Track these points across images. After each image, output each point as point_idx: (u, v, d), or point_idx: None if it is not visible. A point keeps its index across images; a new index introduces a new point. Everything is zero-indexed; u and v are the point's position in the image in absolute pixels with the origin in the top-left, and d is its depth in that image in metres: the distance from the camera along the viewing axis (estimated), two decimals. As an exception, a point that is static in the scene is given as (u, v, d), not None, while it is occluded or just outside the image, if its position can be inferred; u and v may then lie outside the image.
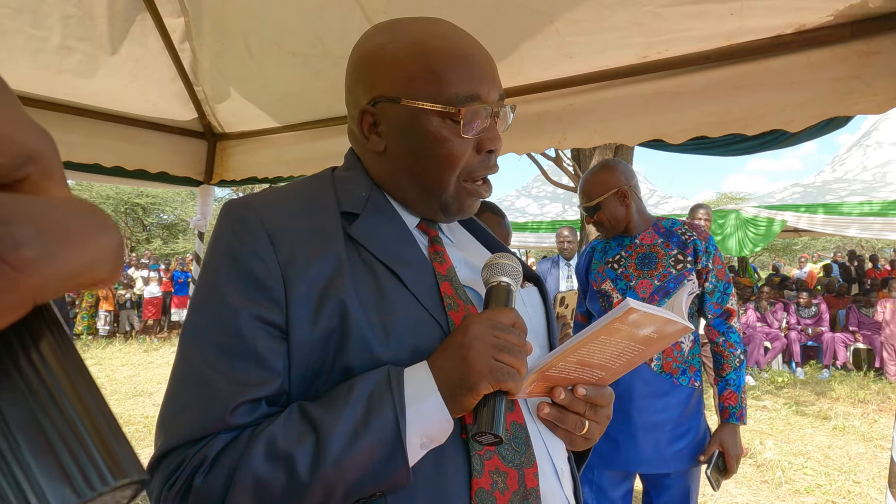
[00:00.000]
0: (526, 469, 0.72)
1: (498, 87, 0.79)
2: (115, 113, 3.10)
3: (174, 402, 0.68)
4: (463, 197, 0.81)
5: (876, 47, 1.70)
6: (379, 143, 0.80)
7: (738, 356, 1.97)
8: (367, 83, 0.79)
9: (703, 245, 1.99)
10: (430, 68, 0.75)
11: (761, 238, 8.08)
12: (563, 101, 2.33)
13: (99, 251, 0.20)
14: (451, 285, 0.77)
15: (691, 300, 2.00)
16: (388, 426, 0.63)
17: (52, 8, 2.38)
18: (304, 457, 0.61)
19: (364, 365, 0.68)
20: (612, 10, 1.91)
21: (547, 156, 7.01)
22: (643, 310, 0.66)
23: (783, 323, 8.73)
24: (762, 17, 1.80)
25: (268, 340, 0.68)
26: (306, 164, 3.26)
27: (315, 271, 0.69)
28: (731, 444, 1.93)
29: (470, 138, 0.77)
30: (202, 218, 3.80)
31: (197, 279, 0.74)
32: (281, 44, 2.62)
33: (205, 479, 0.63)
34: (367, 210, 0.78)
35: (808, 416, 5.95)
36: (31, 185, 0.20)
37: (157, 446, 0.68)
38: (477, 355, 0.65)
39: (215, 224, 0.74)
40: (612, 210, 2.05)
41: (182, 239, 24.83)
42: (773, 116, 1.89)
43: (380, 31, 0.80)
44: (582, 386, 0.76)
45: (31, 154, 0.19)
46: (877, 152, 9.49)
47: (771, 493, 4.03)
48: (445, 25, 0.80)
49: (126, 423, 5.67)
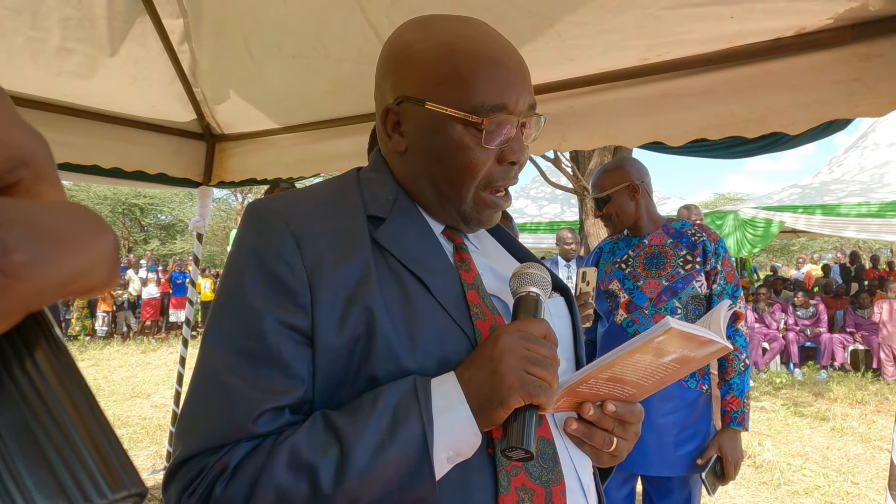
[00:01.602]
0: (553, 487, 0.70)
1: (528, 96, 0.76)
2: (114, 114, 3.10)
3: (195, 408, 0.66)
4: (481, 208, 0.78)
5: (877, 50, 1.70)
6: (401, 143, 0.78)
7: (744, 360, 1.94)
8: (393, 81, 0.77)
9: (712, 246, 1.98)
10: (457, 73, 0.72)
11: (759, 239, 8.10)
12: (563, 103, 2.33)
13: (94, 255, 0.20)
14: (477, 294, 0.74)
15: (729, 314, 1.99)
16: (415, 439, 0.61)
17: (52, 9, 2.37)
18: (328, 468, 0.60)
19: (389, 374, 0.66)
20: (612, 12, 1.91)
21: (546, 157, 7.00)
22: (682, 329, 0.63)
23: (781, 324, 8.75)
24: (763, 20, 1.80)
25: (293, 346, 0.66)
26: (306, 165, 3.25)
27: (342, 277, 0.67)
28: (731, 449, 1.90)
29: (492, 149, 0.74)
30: (201, 219, 3.79)
31: (220, 280, 0.72)
32: (281, 46, 2.61)
33: (225, 488, 0.61)
34: (394, 214, 0.76)
35: (807, 417, 5.95)
36: (24, 189, 0.19)
37: (176, 453, 0.65)
38: (508, 368, 0.63)
39: (240, 224, 0.73)
40: (621, 203, 2.04)
41: (180, 240, 24.80)
42: (773, 119, 1.89)
43: (411, 28, 0.78)
44: (612, 402, 0.74)
45: (23, 157, 0.19)
46: (874, 153, 9.51)
47: (770, 495, 4.03)
48: (479, 27, 0.76)
49: (123, 425, 5.65)
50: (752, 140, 2.00)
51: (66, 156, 2.94)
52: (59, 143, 2.89)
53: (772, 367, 8.32)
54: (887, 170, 8.70)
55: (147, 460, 4.60)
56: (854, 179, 9.00)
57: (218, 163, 3.60)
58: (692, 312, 1.98)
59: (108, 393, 7.02)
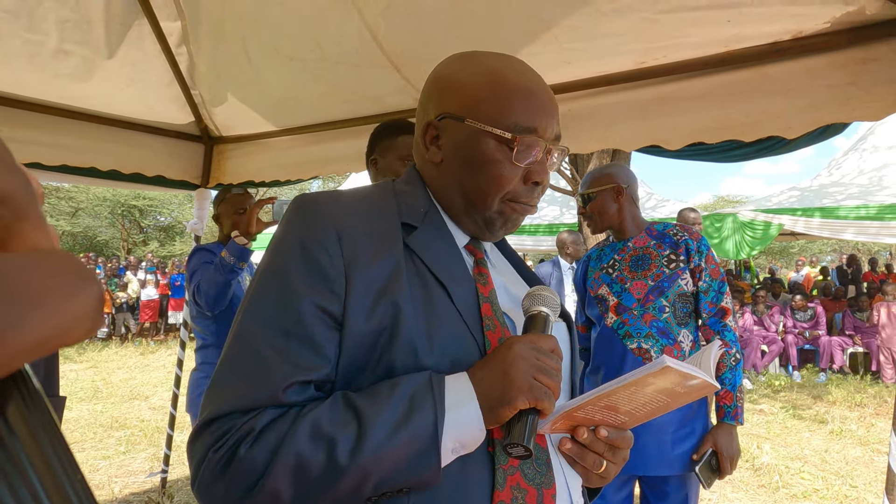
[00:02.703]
0: (545, 490, 0.76)
1: (556, 126, 0.85)
2: (112, 116, 3.10)
3: (229, 372, 0.71)
4: (508, 213, 0.85)
5: (873, 54, 1.70)
6: (437, 155, 0.86)
7: (734, 355, 1.97)
8: (437, 100, 0.86)
9: (695, 244, 2.00)
10: (497, 95, 0.81)
11: (758, 241, 8.10)
12: (561, 107, 2.30)
13: (76, 311, 0.19)
14: (491, 307, 0.81)
15: (719, 354, 1.99)
16: (428, 425, 0.67)
17: (49, 12, 2.37)
18: (347, 442, 0.65)
19: (407, 367, 0.72)
20: (609, 16, 1.91)
21: (544, 159, 7.01)
22: (677, 368, 0.69)
23: (780, 326, 8.75)
24: (759, 24, 1.80)
25: (324, 329, 0.72)
26: (303, 167, 3.25)
27: (375, 272, 0.74)
28: (725, 443, 1.92)
29: (520, 167, 0.82)
30: (199, 221, 3.79)
31: (263, 260, 0.78)
32: (279, 48, 2.61)
33: (249, 448, 0.66)
34: (425, 224, 0.83)
35: (805, 420, 5.95)
36: (4, 227, 0.19)
37: (206, 412, 0.70)
38: (518, 372, 0.70)
39: (287, 213, 0.79)
40: (604, 203, 2.09)
41: (179, 241, 24.79)
42: (770, 123, 1.89)
43: (459, 58, 0.88)
44: (604, 428, 0.80)
45: (0, 196, 0.18)
46: (873, 156, 9.52)
47: (768, 498, 4.03)
48: (517, 62, 0.86)
49: (121, 427, 5.64)
50: (749, 144, 2.00)
51: (64, 158, 2.94)
52: (56, 145, 2.89)
53: (770, 370, 8.32)
54: (886, 172, 8.71)
55: (145, 463, 4.59)
56: (853, 182, 9.01)
57: (216, 165, 3.60)
58: (680, 310, 2.01)
59: (107, 395, 7.01)
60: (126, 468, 4.48)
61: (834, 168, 10.29)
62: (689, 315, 2.03)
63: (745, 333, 8.39)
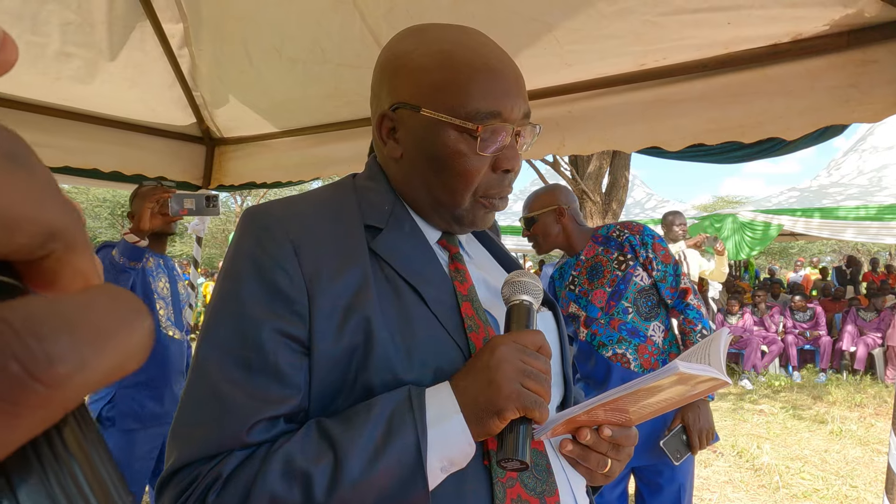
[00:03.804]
0: (548, 497, 0.71)
1: (523, 104, 0.76)
2: (114, 118, 3.10)
3: (189, 417, 0.66)
4: (477, 209, 0.78)
5: (872, 56, 1.71)
6: (396, 149, 0.78)
7: (700, 332, 1.99)
8: (389, 87, 0.77)
9: (637, 238, 2.04)
10: (453, 80, 0.72)
11: (758, 241, 8.11)
12: (561, 108, 2.34)
13: (130, 348, 0.19)
14: (471, 306, 0.75)
15: (729, 340, 2.01)
16: (409, 448, 0.61)
17: (51, 14, 2.38)
18: (322, 477, 0.60)
19: (386, 385, 0.66)
20: (610, 18, 1.92)
21: (545, 161, 7.01)
22: (690, 372, 0.64)
23: (780, 327, 8.75)
24: (759, 26, 1.81)
25: (289, 355, 0.65)
26: (305, 169, 3.26)
27: (340, 286, 0.68)
28: (693, 418, 1.92)
29: (487, 156, 0.75)
30: (200, 223, 3.80)
31: (216, 286, 0.71)
32: (281, 50, 2.62)
33: (218, 497, 0.61)
34: (390, 224, 0.76)
35: (805, 420, 5.96)
36: (55, 261, 0.19)
37: (170, 461, 0.65)
38: (505, 378, 0.63)
39: (236, 231, 0.72)
40: (546, 225, 2.16)
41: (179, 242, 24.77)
42: (770, 124, 1.90)
43: (408, 36, 0.78)
44: (608, 427, 0.75)
45: (53, 231, 0.19)
46: (872, 157, 9.53)
47: (768, 498, 4.03)
48: (475, 36, 0.77)
49: (123, 428, 5.64)
50: (748, 145, 2.01)
51: (66, 160, 2.94)
52: (58, 146, 2.90)
53: (770, 370, 8.33)
54: (885, 173, 8.73)
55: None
56: (852, 183, 9.02)
57: (217, 166, 3.60)
58: (644, 306, 2.04)
59: (107, 396, 7.01)
60: (127, 469, 4.48)
61: (833, 169, 10.32)
62: (656, 305, 2.06)
63: (745, 334, 8.40)
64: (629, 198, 10.33)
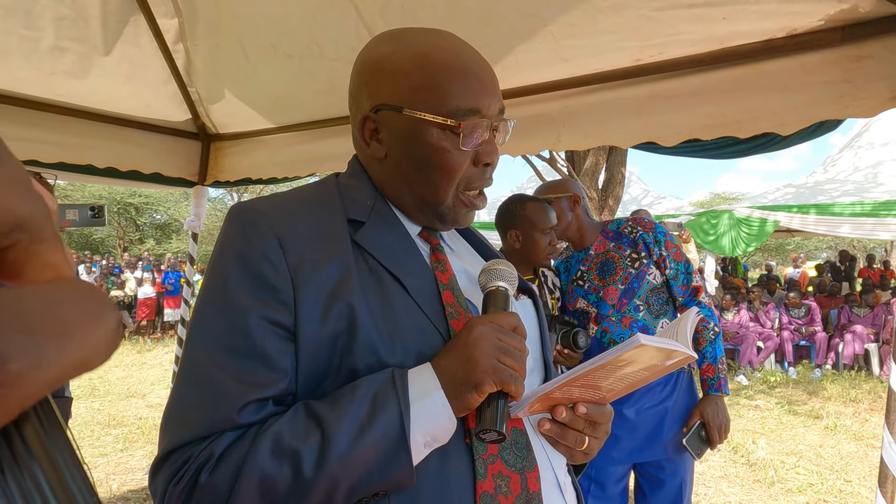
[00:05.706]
0: (528, 473, 0.74)
1: (498, 101, 0.81)
2: (109, 113, 3.09)
3: (181, 401, 0.69)
4: (459, 207, 0.82)
5: (867, 51, 1.72)
6: (379, 150, 0.81)
7: (712, 329, 2.01)
8: (369, 90, 0.80)
9: (651, 236, 2.03)
10: (432, 80, 0.76)
11: (754, 238, 8.12)
12: (557, 104, 2.34)
13: (94, 344, 0.19)
14: (452, 294, 0.79)
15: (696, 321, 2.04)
16: (393, 424, 0.64)
17: (45, 8, 2.37)
18: (310, 454, 0.63)
19: (370, 368, 0.70)
20: (605, 13, 1.92)
21: (541, 157, 7.01)
22: (652, 344, 0.67)
23: (776, 323, 8.78)
24: (754, 22, 1.81)
25: (276, 341, 0.69)
26: (300, 165, 3.25)
27: (324, 276, 0.71)
28: (712, 413, 1.95)
29: (468, 151, 0.79)
30: (196, 219, 3.79)
31: (204, 280, 0.74)
32: (276, 46, 2.61)
33: (210, 475, 0.63)
34: (372, 218, 0.80)
35: (800, 416, 5.98)
36: (20, 251, 0.19)
37: (163, 444, 0.67)
38: (482, 354, 0.67)
39: (223, 226, 0.75)
40: (560, 211, 2.13)
41: (175, 239, 24.71)
42: (765, 119, 1.90)
43: (385, 40, 0.81)
44: (583, 404, 0.78)
45: (19, 221, 0.18)
46: (868, 153, 9.56)
47: (763, 493, 4.05)
48: (450, 38, 0.81)
49: (119, 425, 5.64)
50: (744, 140, 2.01)
51: (61, 155, 2.93)
52: (53, 142, 2.88)
53: (766, 366, 8.36)
54: (881, 169, 8.75)
55: (143, 460, 4.59)
56: (848, 179, 9.05)
57: (213, 162, 3.60)
58: (655, 303, 2.04)
59: (104, 393, 7.00)
60: (124, 466, 4.49)
61: (829, 165, 10.34)
62: (666, 302, 2.07)
63: (741, 330, 8.43)
64: (626, 194, 10.34)
